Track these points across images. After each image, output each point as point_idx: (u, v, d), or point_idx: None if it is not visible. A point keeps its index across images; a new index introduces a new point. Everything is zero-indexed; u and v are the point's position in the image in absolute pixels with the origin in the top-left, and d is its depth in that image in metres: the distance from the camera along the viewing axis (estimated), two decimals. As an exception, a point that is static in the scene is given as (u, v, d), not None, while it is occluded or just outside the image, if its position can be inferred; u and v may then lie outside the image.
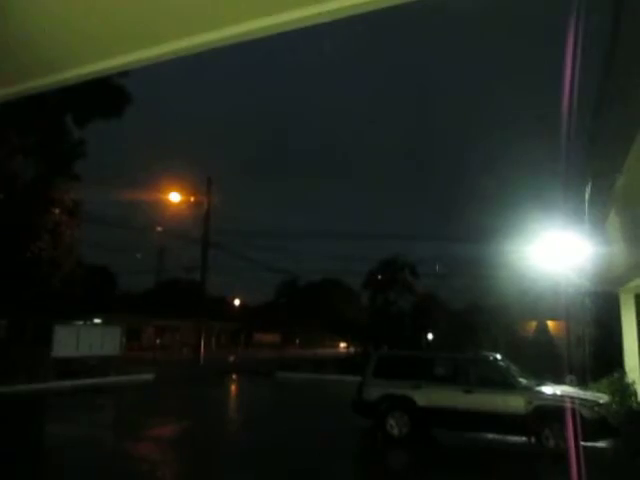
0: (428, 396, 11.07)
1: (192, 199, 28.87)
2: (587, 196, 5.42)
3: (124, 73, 18.18)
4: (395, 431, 11.14)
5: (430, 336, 38.16)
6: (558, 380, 12.72)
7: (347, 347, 48.28)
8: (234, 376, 27.13)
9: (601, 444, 10.20)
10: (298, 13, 1.27)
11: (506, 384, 10.53)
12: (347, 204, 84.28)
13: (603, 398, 10.79)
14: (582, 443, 9.42)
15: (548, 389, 10.77)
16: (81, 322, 24.14)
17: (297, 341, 54.29)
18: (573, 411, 9.44)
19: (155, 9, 1.36)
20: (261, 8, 1.29)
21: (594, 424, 9.49)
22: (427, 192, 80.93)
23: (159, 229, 33.37)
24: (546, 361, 16.10)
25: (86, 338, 21.70)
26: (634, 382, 12.07)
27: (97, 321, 28.30)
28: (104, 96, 19.54)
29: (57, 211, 20.40)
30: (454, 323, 34.02)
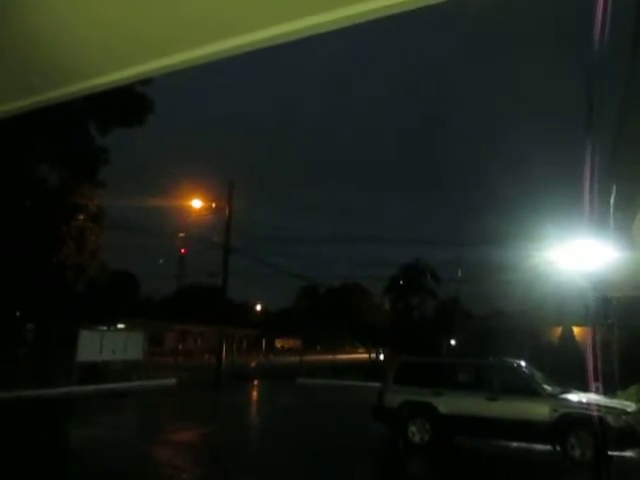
0: (450, 403, 10.93)
1: (213, 204, 29.07)
2: (612, 200, 5.31)
3: (147, 81, 18.45)
4: (416, 438, 11.02)
5: (452, 342, 37.76)
6: (584, 387, 12.46)
7: (368, 353, 48.04)
8: (255, 382, 27.18)
9: (629, 453, 9.95)
10: (311, 20, 1.26)
11: (530, 391, 10.33)
12: (367, 208, 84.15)
13: (631, 406, 10.50)
14: (609, 452, 9.22)
15: (574, 397, 10.54)
16: (105, 327, 24.47)
17: (318, 347, 54.19)
18: (600, 419, 9.23)
19: (172, 19, 1.36)
20: (276, 16, 1.29)
21: (621, 433, 9.25)
22: (449, 196, 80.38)
23: (181, 234, 33.70)
24: (572, 368, 15.79)
25: (110, 343, 21.96)
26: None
27: (120, 326, 28.66)
28: (127, 104, 19.84)
29: (82, 217, 20.76)
30: (477, 328, 33.62)
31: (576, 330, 23.54)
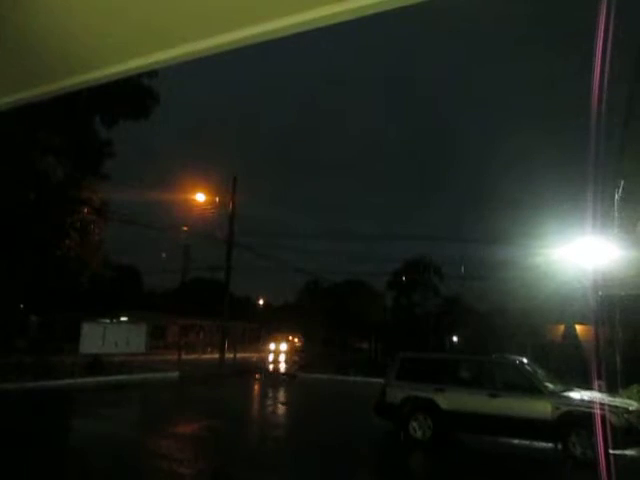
0: (452, 399, 10.94)
1: (217, 199, 29.10)
2: (617, 197, 5.29)
3: (152, 74, 18.44)
4: (418, 434, 11.04)
5: (455, 338, 37.77)
6: (586, 386, 12.43)
7: (370, 348, 48.08)
8: (257, 376, 27.23)
9: (630, 452, 9.93)
10: (318, 13, 1.25)
11: (532, 389, 10.33)
12: (371, 205, 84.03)
13: (633, 405, 10.49)
14: (611, 451, 9.19)
15: (576, 395, 10.53)
16: (108, 320, 24.55)
17: (321, 342, 54.26)
18: (602, 418, 9.20)
19: (176, 10, 1.36)
20: (281, 8, 1.28)
21: (623, 431, 9.24)
22: (452, 193, 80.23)
23: (184, 228, 33.72)
24: (574, 366, 15.75)
25: (112, 336, 22.06)
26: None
27: (123, 319, 28.73)
28: (133, 97, 19.81)
29: (86, 210, 20.80)
30: (480, 325, 33.60)
31: (579, 328, 23.45)
